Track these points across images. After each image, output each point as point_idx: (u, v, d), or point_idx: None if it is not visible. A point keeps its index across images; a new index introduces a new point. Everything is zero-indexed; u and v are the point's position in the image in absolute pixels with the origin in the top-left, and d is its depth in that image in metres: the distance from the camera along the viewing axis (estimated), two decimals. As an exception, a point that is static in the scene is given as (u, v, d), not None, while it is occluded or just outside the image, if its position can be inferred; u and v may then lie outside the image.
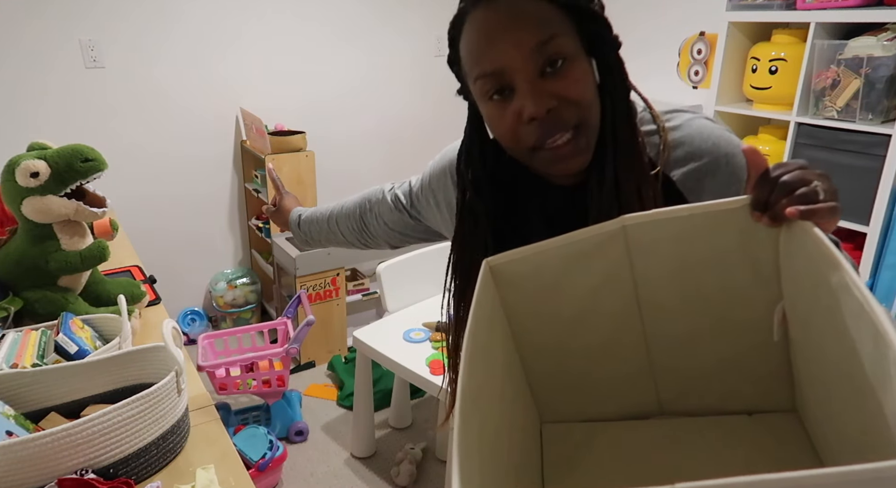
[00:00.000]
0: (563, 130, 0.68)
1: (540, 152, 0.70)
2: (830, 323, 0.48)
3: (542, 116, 0.67)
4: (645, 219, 0.58)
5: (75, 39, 2.50)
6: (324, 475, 2.18)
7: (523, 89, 0.67)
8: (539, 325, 0.65)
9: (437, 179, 0.93)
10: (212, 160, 2.94)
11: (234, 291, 3.03)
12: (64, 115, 2.56)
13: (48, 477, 0.86)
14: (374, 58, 3.18)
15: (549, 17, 0.67)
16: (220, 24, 2.76)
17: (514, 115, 0.68)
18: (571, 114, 0.68)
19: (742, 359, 0.64)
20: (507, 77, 0.67)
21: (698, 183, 0.74)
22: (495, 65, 0.67)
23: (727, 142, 0.75)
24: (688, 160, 0.74)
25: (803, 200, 0.53)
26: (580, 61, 0.68)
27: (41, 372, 1.03)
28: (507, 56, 0.66)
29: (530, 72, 0.66)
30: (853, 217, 2.20)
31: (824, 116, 2.22)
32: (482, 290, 0.58)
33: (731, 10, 2.45)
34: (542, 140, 0.69)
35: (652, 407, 0.69)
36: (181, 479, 0.97)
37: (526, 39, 0.65)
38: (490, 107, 0.71)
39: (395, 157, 3.39)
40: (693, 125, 0.76)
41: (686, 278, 0.61)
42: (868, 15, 2.05)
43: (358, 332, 2.12)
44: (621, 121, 0.71)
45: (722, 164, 0.73)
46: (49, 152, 1.27)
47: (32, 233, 1.31)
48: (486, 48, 0.67)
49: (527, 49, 0.65)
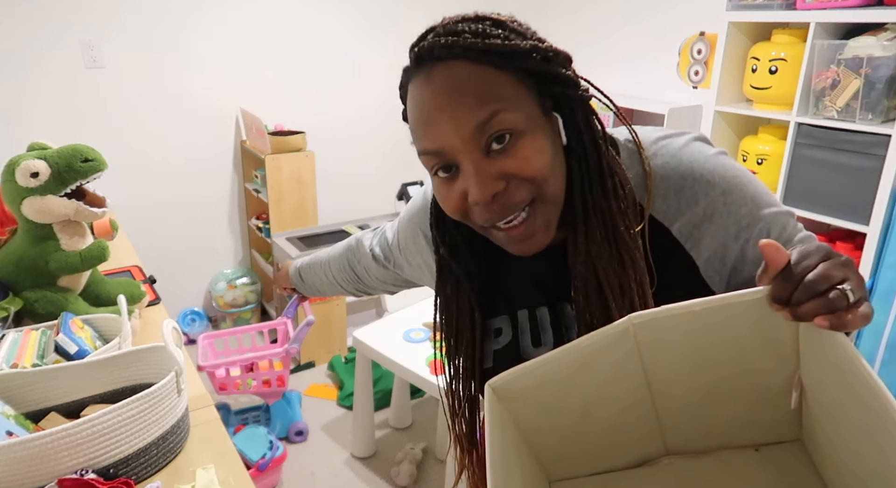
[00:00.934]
0: (516, 211, 0.62)
1: (493, 231, 0.65)
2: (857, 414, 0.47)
3: (487, 202, 0.61)
4: (655, 316, 0.55)
5: (75, 39, 2.50)
6: (324, 475, 2.17)
7: (467, 171, 0.61)
8: (548, 422, 0.64)
9: (410, 242, 0.88)
10: (212, 160, 2.94)
11: (234, 291, 3.03)
12: (64, 115, 2.56)
13: (48, 477, 0.86)
14: (375, 57, 3.18)
15: (492, 90, 0.60)
16: (219, 24, 2.76)
17: (461, 195, 0.63)
18: (525, 191, 0.62)
19: (751, 413, 0.63)
20: (449, 156, 0.62)
21: (696, 229, 0.68)
22: (435, 144, 0.62)
23: (721, 177, 0.68)
24: (681, 207, 0.68)
25: (831, 307, 0.48)
26: (532, 134, 0.61)
27: (41, 372, 1.03)
28: (447, 137, 0.61)
29: (472, 152, 0.60)
30: (853, 217, 2.20)
31: (824, 116, 2.22)
32: (492, 415, 0.57)
33: (731, 10, 2.45)
34: (492, 222, 0.63)
35: (658, 450, 0.69)
36: (181, 479, 0.97)
37: (464, 120, 0.59)
38: (436, 182, 0.66)
39: (395, 157, 3.39)
40: (683, 157, 0.69)
41: (698, 360, 0.59)
42: (868, 15, 2.05)
43: (358, 332, 2.12)
44: (589, 187, 0.66)
45: (719, 206, 0.67)
46: (49, 152, 1.27)
47: (32, 233, 1.31)
48: (425, 127, 0.63)
49: (466, 130, 0.60)
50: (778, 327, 0.53)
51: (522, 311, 0.78)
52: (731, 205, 0.67)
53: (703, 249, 0.69)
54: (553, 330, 0.77)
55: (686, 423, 0.65)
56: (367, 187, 3.34)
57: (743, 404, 0.62)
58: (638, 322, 0.55)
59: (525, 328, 0.78)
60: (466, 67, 0.61)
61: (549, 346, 0.77)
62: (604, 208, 0.66)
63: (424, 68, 0.64)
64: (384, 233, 0.98)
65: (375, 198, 3.35)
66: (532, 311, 0.78)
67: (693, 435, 0.66)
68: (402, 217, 0.90)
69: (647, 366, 0.60)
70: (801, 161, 2.31)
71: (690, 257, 0.69)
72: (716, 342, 0.57)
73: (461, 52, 0.60)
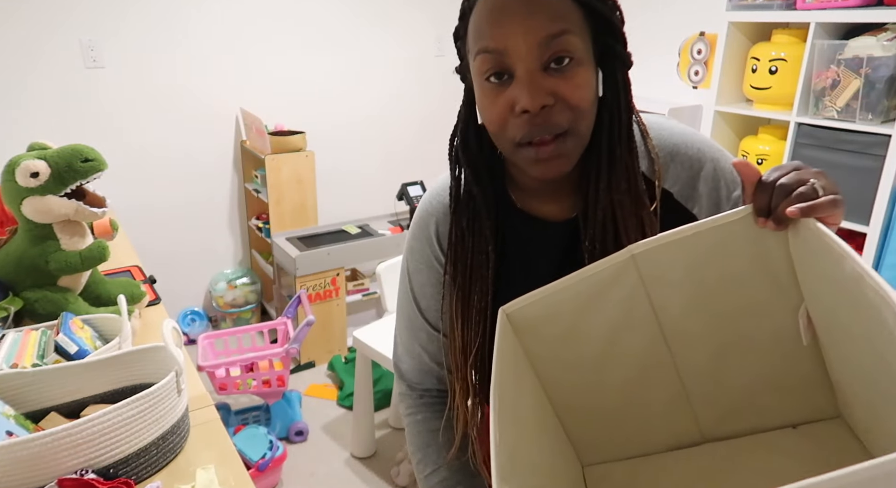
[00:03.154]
0: (552, 132, 0.65)
1: (523, 149, 0.67)
2: (853, 315, 0.47)
3: (535, 111, 0.63)
4: (652, 244, 0.57)
5: (75, 39, 2.50)
6: (324, 475, 2.17)
7: (522, 79, 0.63)
8: (565, 371, 0.64)
9: (417, 244, 0.85)
10: (212, 160, 2.94)
11: (234, 291, 3.03)
12: (64, 115, 2.56)
13: (48, 477, 0.86)
14: (375, 57, 3.18)
15: (566, 12, 0.63)
16: (220, 24, 2.76)
17: (507, 104, 0.65)
18: (564, 117, 0.64)
19: (775, 372, 0.63)
20: (509, 60, 0.63)
21: (693, 190, 0.74)
22: (499, 44, 0.63)
23: (709, 147, 0.75)
24: (679, 171, 0.74)
25: (802, 198, 0.53)
26: (586, 67, 0.65)
27: (41, 372, 1.03)
28: (514, 40, 0.62)
29: (533, 62, 0.63)
30: (853, 217, 2.20)
31: (824, 116, 2.22)
32: (502, 339, 0.57)
33: (731, 10, 2.45)
34: (528, 137, 0.65)
35: (694, 436, 0.68)
36: (181, 479, 0.96)
37: (536, 28, 0.62)
38: (485, 88, 0.67)
39: (395, 157, 3.39)
40: (675, 134, 0.75)
41: (705, 301, 0.60)
42: (868, 15, 2.05)
43: (358, 332, 2.12)
44: (618, 140, 0.69)
45: (710, 170, 0.74)
46: (49, 152, 1.27)
47: (32, 233, 1.31)
48: (495, 26, 0.63)
49: (535, 38, 0.62)
50: (772, 254, 0.56)
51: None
52: (719, 169, 0.74)
53: (703, 208, 0.74)
54: None
55: (712, 389, 0.64)
56: (367, 187, 3.34)
57: (763, 359, 0.62)
58: (637, 252, 0.58)
59: None
60: None
61: None
62: (628, 164, 0.69)
63: None
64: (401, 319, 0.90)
65: (375, 198, 3.35)
66: None
67: (723, 410, 0.65)
68: (407, 239, 0.88)
69: (657, 311, 0.60)
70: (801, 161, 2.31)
71: (694, 217, 0.74)
72: (719, 280, 0.58)
73: None
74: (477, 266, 0.76)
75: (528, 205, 0.78)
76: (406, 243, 0.87)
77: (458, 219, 0.77)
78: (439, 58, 3.34)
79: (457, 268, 0.78)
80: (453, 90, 0.74)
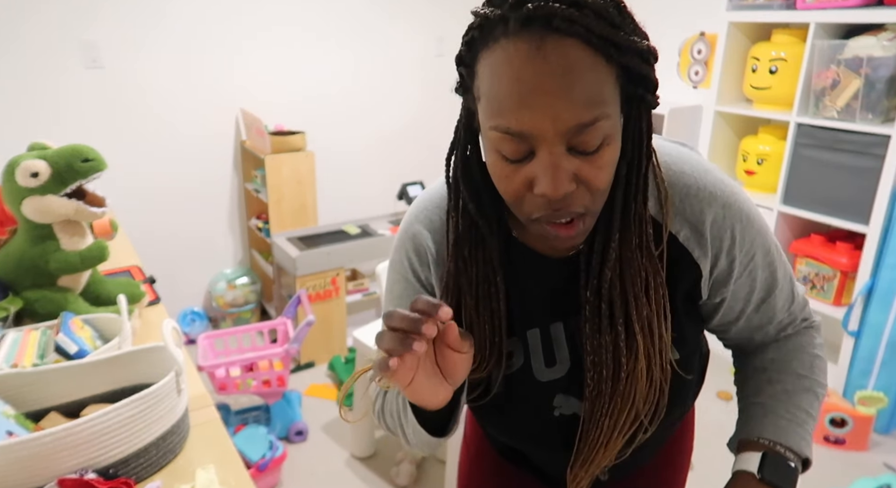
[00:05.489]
0: (570, 216, 0.60)
1: (537, 224, 0.62)
2: None
3: (556, 198, 0.57)
4: None
5: (75, 39, 2.50)
6: (324, 475, 2.18)
7: (544, 162, 0.56)
8: None
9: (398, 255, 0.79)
10: (212, 160, 2.94)
11: (234, 291, 3.03)
12: (64, 115, 2.56)
13: (48, 477, 0.86)
14: (375, 57, 3.18)
15: (601, 89, 0.55)
16: (220, 25, 2.76)
17: (525, 181, 0.59)
18: (585, 200, 0.59)
19: None
20: (530, 142, 0.57)
21: (700, 236, 0.69)
22: (522, 127, 0.55)
23: (721, 190, 0.69)
24: (688, 214, 0.69)
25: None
26: (615, 142, 0.59)
27: (41, 372, 1.03)
28: (540, 125, 0.55)
29: (558, 146, 0.56)
30: (853, 217, 2.20)
31: (824, 116, 2.22)
32: None
33: (731, 10, 2.45)
34: (545, 218, 0.60)
35: None
36: (181, 479, 0.96)
37: (567, 116, 0.54)
38: (499, 162, 0.60)
39: (395, 157, 3.39)
40: (688, 173, 0.69)
41: None
42: (868, 15, 2.05)
43: (358, 332, 2.12)
44: (634, 195, 0.64)
45: (719, 215, 0.69)
46: (49, 152, 1.27)
47: (32, 233, 1.31)
48: (517, 105, 0.55)
49: (564, 126, 0.54)
50: None
51: (533, 331, 0.75)
52: (730, 218, 0.69)
53: (707, 256, 0.70)
54: (568, 345, 0.74)
55: None
56: (367, 187, 3.34)
57: None
58: None
59: (537, 349, 0.75)
60: (582, 52, 0.54)
61: (564, 365, 0.74)
62: (641, 216, 0.65)
63: (534, 34, 0.54)
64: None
65: (375, 198, 3.35)
66: (545, 329, 0.74)
67: None
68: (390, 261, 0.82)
69: None
70: (801, 161, 2.31)
71: (697, 264, 0.70)
72: None
73: (583, 32, 0.53)
74: (485, 297, 0.70)
75: (525, 235, 0.73)
76: (390, 255, 0.82)
77: (459, 250, 0.70)
78: (440, 58, 3.33)
79: (460, 301, 0.72)
80: (452, 89, 0.69)
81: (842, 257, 2.26)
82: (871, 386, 2.25)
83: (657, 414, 0.70)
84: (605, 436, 0.70)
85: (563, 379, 0.75)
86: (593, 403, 0.69)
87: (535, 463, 0.90)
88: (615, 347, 0.67)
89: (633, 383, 0.67)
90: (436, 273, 0.76)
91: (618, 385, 0.67)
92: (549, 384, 0.75)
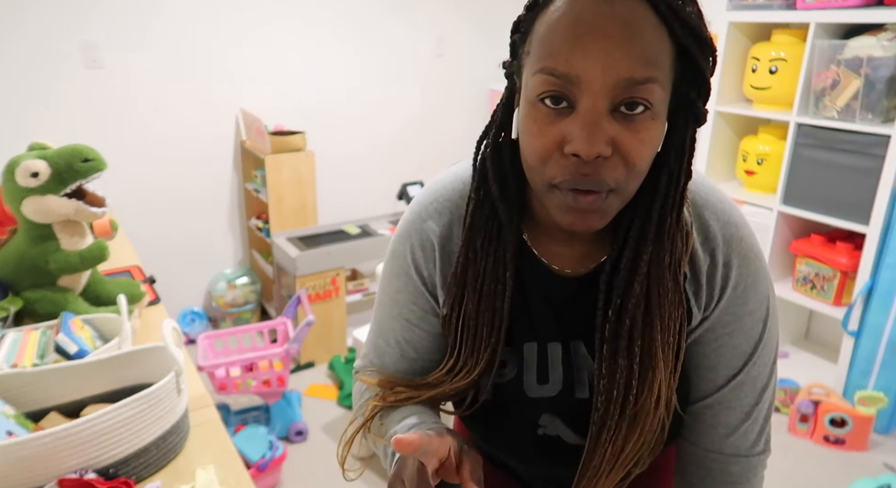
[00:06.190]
0: (598, 188, 0.55)
1: (558, 191, 0.57)
2: None
3: (588, 159, 0.53)
4: None
5: (75, 39, 2.50)
6: (324, 475, 2.18)
7: (584, 117, 0.53)
8: None
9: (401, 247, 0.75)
10: (212, 160, 2.94)
11: (234, 291, 3.03)
12: (64, 115, 2.56)
13: (48, 477, 0.86)
14: (375, 57, 3.18)
15: (660, 52, 0.53)
16: (220, 25, 2.76)
17: (557, 138, 0.55)
18: (617, 174, 0.55)
19: None
20: (575, 90, 0.53)
21: (700, 288, 0.66)
22: (572, 70, 0.52)
23: (735, 226, 0.66)
24: (699, 258, 0.65)
25: None
26: (659, 121, 0.55)
27: (41, 372, 1.03)
28: (591, 71, 0.52)
29: (603, 101, 0.53)
30: (853, 217, 2.20)
31: (824, 116, 2.22)
32: None
33: (731, 10, 2.45)
34: (569, 184, 0.56)
35: None
36: (181, 479, 0.96)
37: (620, 65, 0.51)
38: (535, 110, 0.56)
39: (395, 157, 3.39)
40: (705, 207, 0.66)
41: None
42: (868, 15, 2.06)
43: (358, 332, 2.12)
44: (671, 209, 0.60)
45: (731, 262, 0.66)
46: (49, 152, 1.27)
47: (32, 233, 1.31)
48: (572, 45, 0.52)
49: (616, 77, 0.51)
50: None
51: (530, 345, 0.72)
52: (740, 255, 0.66)
53: (701, 302, 0.67)
54: (563, 368, 0.71)
55: None
56: (367, 187, 3.34)
57: None
58: None
59: (531, 363, 0.72)
60: (648, 14, 0.52)
61: (556, 386, 0.72)
62: (675, 236, 0.61)
63: None
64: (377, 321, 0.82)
65: (375, 198, 3.35)
66: (542, 346, 0.72)
67: None
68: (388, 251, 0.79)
69: None
70: (801, 161, 2.31)
71: (692, 313, 0.67)
72: None
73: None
74: (488, 294, 0.67)
75: (538, 242, 0.70)
76: (390, 244, 0.78)
77: (472, 237, 0.67)
78: (440, 57, 3.33)
79: (464, 294, 0.68)
80: (454, 90, 0.67)
81: (842, 257, 2.26)
82: (871, 386, 2.25)
83: (655, 447, 0.67)
84: (608, 465, 0.66)
85: (553, 400, 0.72)
86: (599, 430, 0.66)
87: (521, 476, 0.89)
88: (629, 372, 0.63)
89: (642, 413, 0.64)
90: (438, 270, 0.73)
91: (625, 413, 0.64)
92: (538, 401, 0.72)
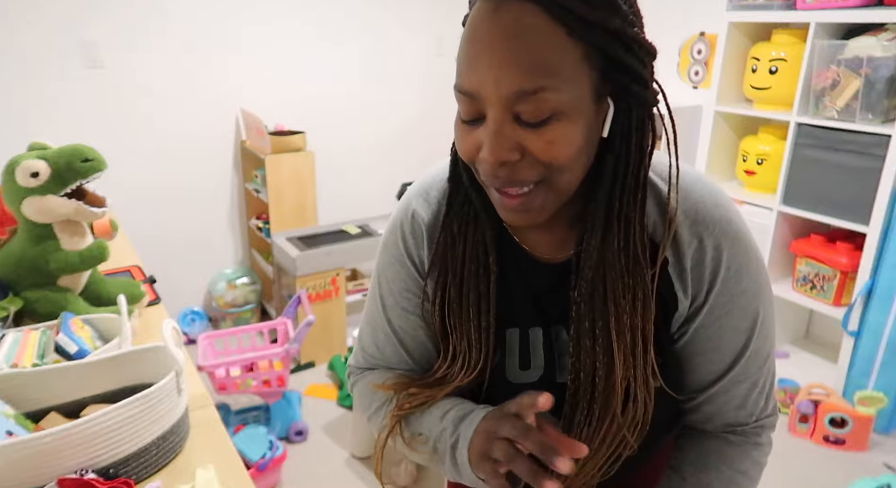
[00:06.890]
0: (518, 186, 0.58)
1: (492, 191, 0.61)
2: None
3: (495, 165, 0.57)
4: None
5: (75, 39, 2.50)
6: (324, 475, 2.17)
7: (488, 127, 0.56)
8: None
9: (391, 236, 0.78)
10: (212, 160, 2.94)
11: (234, 291, 3.03)
12: (64, 114, 2.56)
13: (48, 477, 0.86)
14: (375, 57, 3.18)
15: (551, 59, 0.53)
16: (220, 25, 2.76)
17: (475, 145, 0.58)
18: (534, 173, 0.57)
19: None
20: (480, 103, 0.56)
21: (684, 273, 0.66)
22: (470, 86, 0.56)
23: (723, 208, 0.66)
24: (684, 243, 0.65)
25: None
26: (571, 119, 0.55)
27: (41, 372, 1.03)
28: (486, 86, 0.55)
29: (502, 112, 0.55)
30: (853, 217, 2.20)
31: (824, 116, 2.22)
32: None
33: (731, 10, 2.45)
34: (493, 185, 0.60)
35: None
36: (181, 479, 0.96)
37: (508, 80, 0.53)
38: (458, 122, 0.61)
39: (395, 157, 3.39)
40: (693, 197, 0.65)
41: None
42: (868, 15, 2.06)
43: (358, 332, 2.12)
44: (619, 192, 0.60)
45: (722, 244, 0.65)
46: (49, 152, 1.27)
47: (32, 233, 1.31)
48: (469, 63, 0.56)
49: (505, 90, 0.54)
50: None
51: (512, 330, 0.73)
52: (734, 250, 0.65)
53: (687, 292, 0.67)
54: (545, 353, 0.73)
55: None
56: (366, 187, 3.34)
57: None
58: None
59: (513, 349, 0.73)
60: (538, 18, 0.53)
61: (538, 371, 0.73)
62: (629, 218, 0.61)
63: None
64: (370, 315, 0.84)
65: (375, 198, 3.35)
66: (524, 331, 0.73)
67: None
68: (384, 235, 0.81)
69: None
70: (801, 161, 2.32)
71: (676, 298, 0.67)
72: None
73: (545, 0, 0.52)
74: (470, 277, 0.69)
75: (519, 230, 0.71)
76: (382, 237, 0.80)
77: (449, 221, 0.70)
78: (440, 57, 3.33)
79: (447, 279, 0.70)
80: (452, 88, 0.68)
81: (842, 257, 2.26)
82: (871, 387, 2.25)
83: (641, 431, 0.67)
84: (588, 446, 0.66)
85: (534, 385, 0.73)
86: (573, 410, 0.67)
87: None
88: (594, 353, 0.65)
89: (609, 392, 0.64)
90: (428, 255, 0.74)
91: (596, 393, 0.65)
92: (520, 386, 0.73)
